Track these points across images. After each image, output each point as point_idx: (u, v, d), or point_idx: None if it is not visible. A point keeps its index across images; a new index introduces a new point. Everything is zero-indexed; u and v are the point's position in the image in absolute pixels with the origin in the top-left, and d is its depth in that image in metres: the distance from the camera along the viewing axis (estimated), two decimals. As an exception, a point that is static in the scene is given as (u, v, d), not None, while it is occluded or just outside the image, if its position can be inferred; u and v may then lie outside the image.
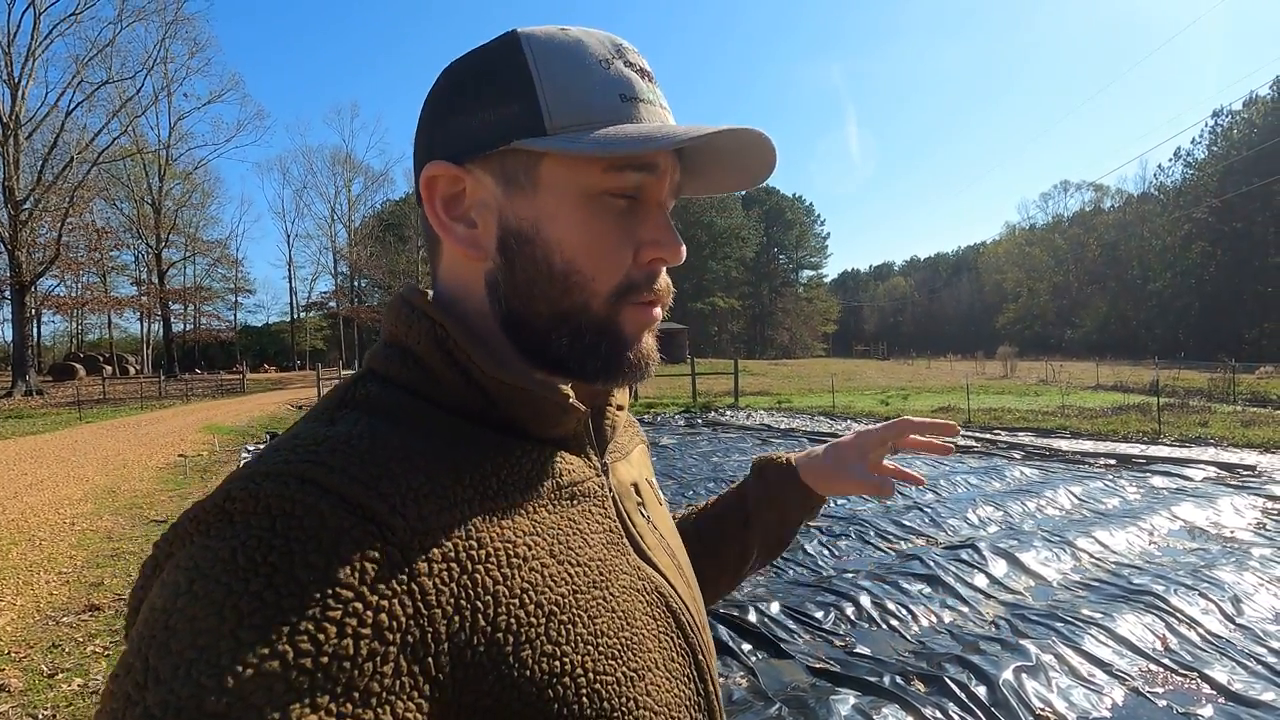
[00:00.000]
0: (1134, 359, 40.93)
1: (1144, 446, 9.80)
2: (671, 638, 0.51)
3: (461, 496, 0.42)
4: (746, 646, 3.33)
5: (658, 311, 0.52)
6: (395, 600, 0.35)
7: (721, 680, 2.99)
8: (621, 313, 0.48)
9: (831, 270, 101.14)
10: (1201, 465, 7.94)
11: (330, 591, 0.34)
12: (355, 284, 58.84)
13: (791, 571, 4.47)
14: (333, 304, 59.19)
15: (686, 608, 0.54)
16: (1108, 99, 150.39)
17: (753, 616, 3.59)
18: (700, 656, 0.54)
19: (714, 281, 72.25)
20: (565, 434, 0.50)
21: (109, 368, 37.27)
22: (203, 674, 0.30)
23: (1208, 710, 2.75)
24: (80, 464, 10.12)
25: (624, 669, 0.45)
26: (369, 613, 0.34)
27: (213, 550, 0.34)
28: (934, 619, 3.69)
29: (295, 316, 61.59)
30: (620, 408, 0.60)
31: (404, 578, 0.36)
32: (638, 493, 0.58)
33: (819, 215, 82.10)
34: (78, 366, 34.54)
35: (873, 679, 2.94)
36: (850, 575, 4.26)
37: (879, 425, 0.80)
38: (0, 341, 45.77)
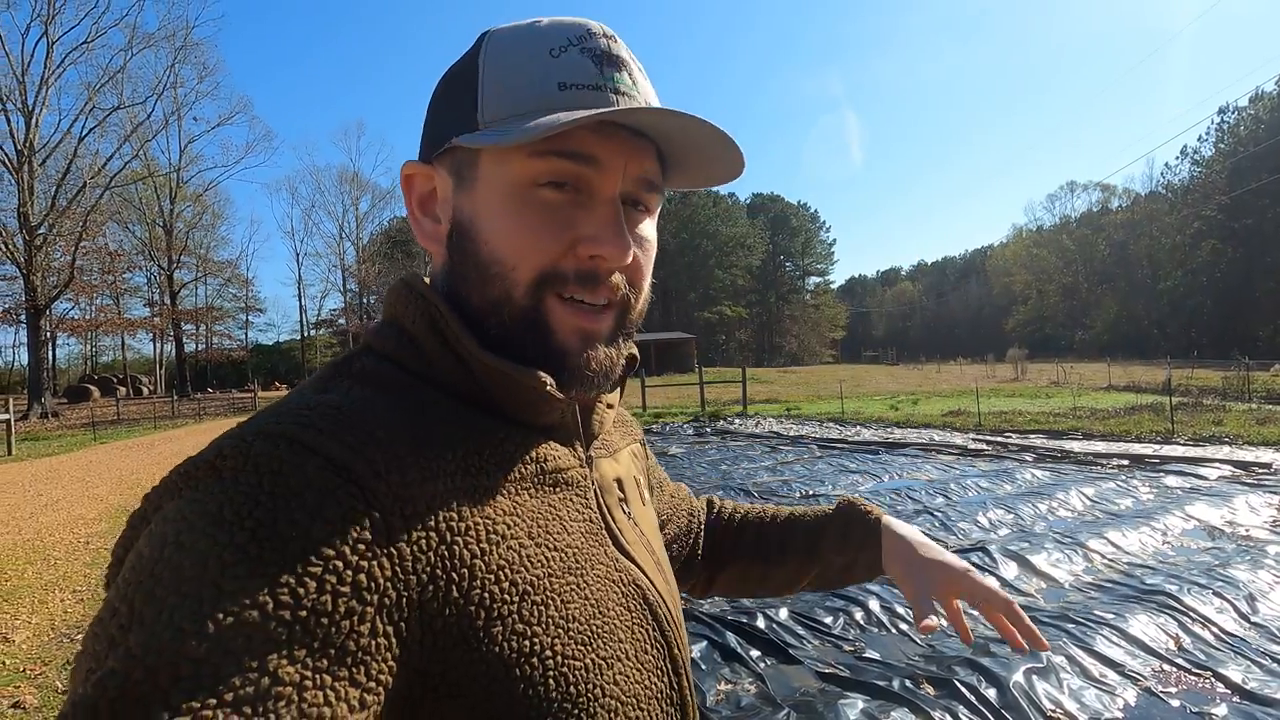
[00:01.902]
0: (1146, 359, 40.58)
1: (1157, 446, 9.70)
2: (646, 630, 0.52)
3: (445, 470, 0.43)
4: (755, 653, 3.32)
5: (603, 319, 0.49)
6: (374, 562, 0.36)
7: (730, 687, 3.00)
8: (546, 305, 0.47)
9: (838, 276, 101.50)
10: (1216, 464, 7.85)
11: (312, 548, 0.34)
12: (364, 301, 59.23)
13: (800, 577, 4.45)
14: (342, 321, 59.56)
15: (664, 602, 0.55)
16: (1112, 99, 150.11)
17: (761, 622, 3.58)
18: (675, 650, 0.54)
19: (721, 290, 72.28)
20: (551, 422, 0.51)
21: (123, 389, 37.63)
22: (185, 619, 0.31)
23: (1222, 709, 2.72)
24: (95, 484, 10.22)
25: (593, 656, 0.45)
26: (348, 572, 0.35)
27: (200, 503, 0.36)
28: (944, 623, 3.66)
29: (305, 334, 62.06)
30: (610, 406, 0.61)
31: (384, 541, 0.37)
32: (621, 489, 0.59)
33: (824, 222, 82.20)
34: (92, 388, 34.89)
35: (882, 683, 2.93)
36: (859, 580, 4.24)
37: (987, 586, 0.70)
38: (17, 365, 46.33)
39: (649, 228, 0.52)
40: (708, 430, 14.37)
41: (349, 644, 0.34)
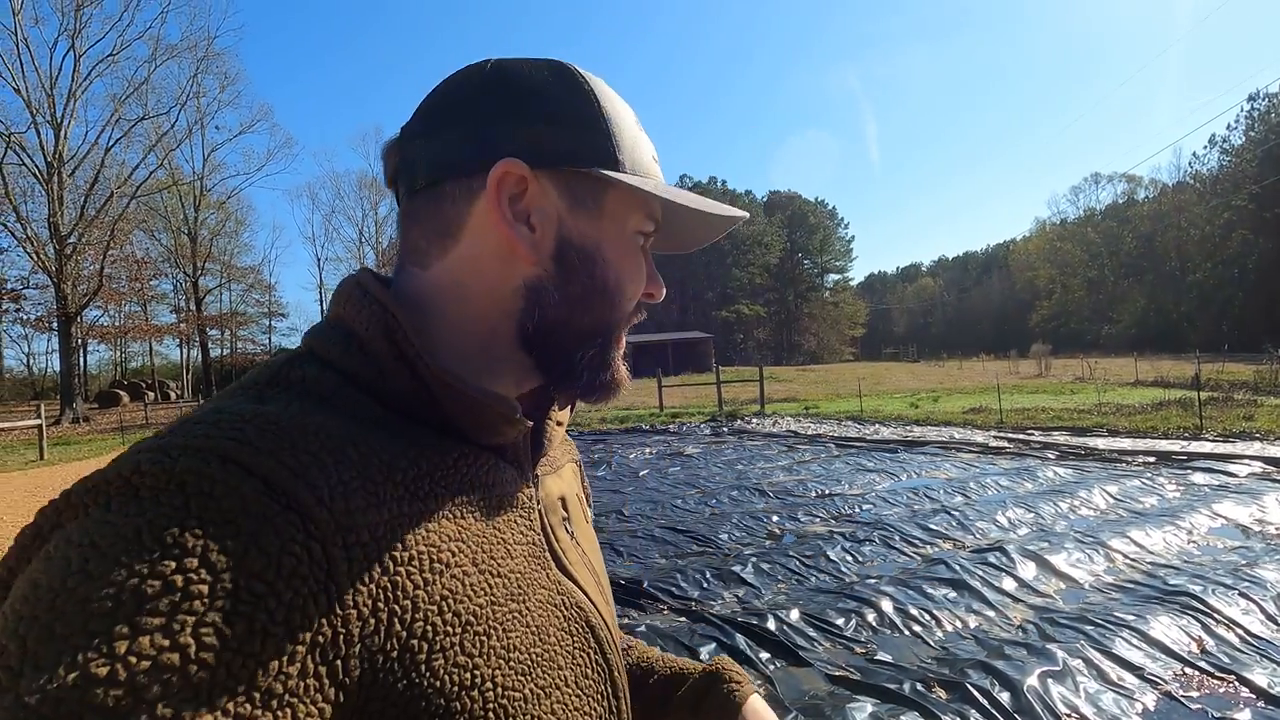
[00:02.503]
0: (1175, 353, 39.64)
1: (1185, 443, 9.47)
2: (587, 654, 0.51)
3: (392, 495, 0.40)
4: (764, 655, 3.29)
5: (624, 339, 0.56)
6: (310, 598, 0.34)
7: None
8: (622, 333, 0.54)
9: (858, 273, 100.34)
10: (1246, 460, 7.65)
11: (243, 583, 0.31)
12: (384, 304, 59.86)
13: (813, 579, 4.41)
14: (363, 325, 60.21)
15: (605, 624, 0.54)
16: (1137, 88, 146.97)
17: (772, 624, 3.55)
18: (615, 674, 0.54)
19: (738, 289, 72.02)
20: (504, 442, 0.50)
21: (151, 393, 38.40)
22: (92, 663, 0.28)
23: (1245, 714, 2.64)
24: (122, 487, 10.44)
25: (532, 685, 0.45)
26: (281, 609, 0.32)
27: (113, 526, 0.32)
28: (958, 624, 3.60)
29: (327, 338, 62.85)
30: (560, 423, 0.60)
31: (322, 575, 0.35)
32: (564, 507, 0.59)
33: (843, 218, 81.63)
34: (122, 393, 35.67)
35: (892, 686, 2.88)
36: (873, 581, 4.19)
37: None
38: (49, 371, 47.51)
39: None
40: (724, 430, 14.32)
41: (275, 685, 0.32)
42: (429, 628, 0.39)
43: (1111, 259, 70.04)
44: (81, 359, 39.18)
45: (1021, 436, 10.98)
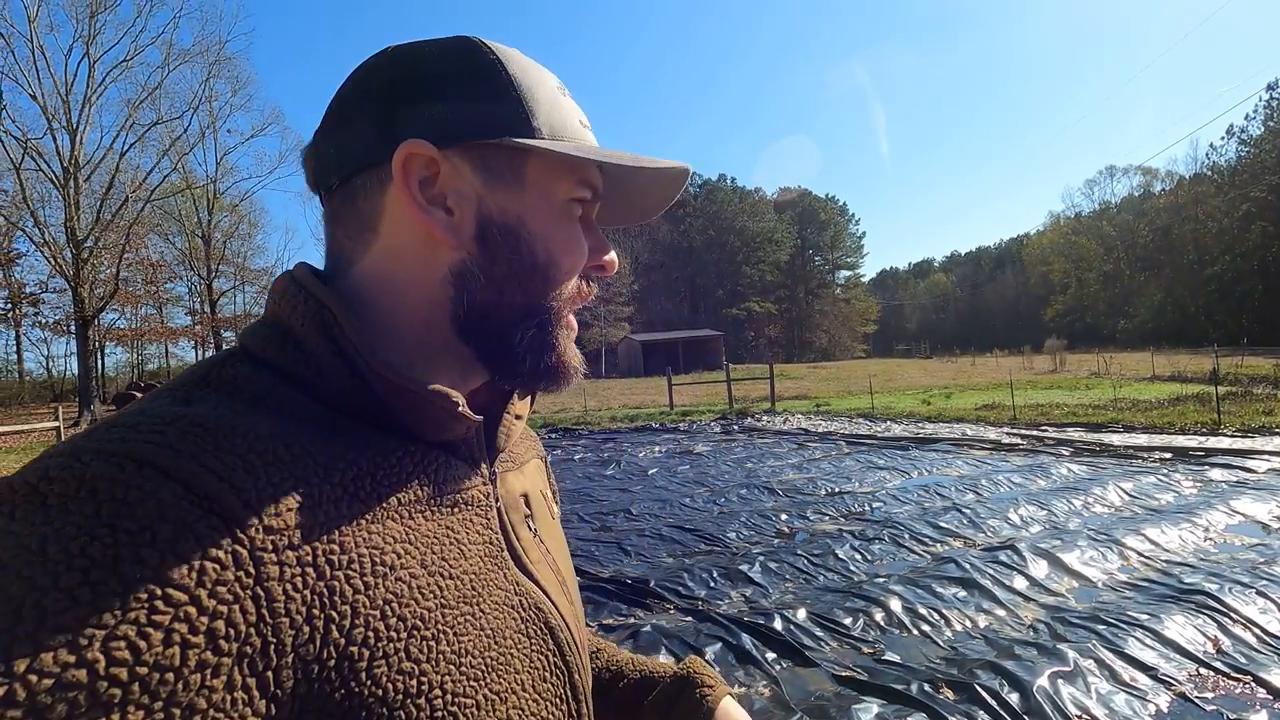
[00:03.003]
0: (1192, 347, 39.12)
1: (1203, 438, 9.33)
2: (546, 656, 0.49)
3: (328, 496, 0.39)
4: (771, 655, 3.26)
5: (574, 323, 0.53)
6: (236, 606, 0.32)
7: (743, 690, 2.95)
8: (564, 312, 0.51)
9: (869, 269, 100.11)
10: (1265, 456, 7.52)
11: (160, 593, 0.30)
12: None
13: (822, 578, 4.38)
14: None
15: (566, 625, 0.53)
16: (1151, 80, 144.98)
17: (778, 624, 3.52)
18: (576, 676, 0.52)
19: (749, 286, 71.78)
20: (453, 439, 0.48)
21: (167, 395, 38.79)
22: None
23: (1261, 715, 2.58)
24: (137, 488, 10.56)
25: (486, 690, 0.43)
26: (204, 619, 0.31)
27: (16, 536, 0.30)
28: (968, 624, 3.56)
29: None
30: (519, 417, 0.58)
31: (250, 581, 0.33)
32: (527, 504, 0.57)
33: (853, 214, 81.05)
34: (139, 395, 36.07)
35: (899, 687, 2.85)
36: (882, 580, 4.15)
37: None
38: (68, 374, 48.16)
39: None
40: (735, 428, 14.27)
41: (198, 700, 0.30)
42: (370, 634, 0.37)
43: (1127, 252, 69.15)
44: (99, 362, 39.70)
45: (1035, 433, 10.86)
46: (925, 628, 3.51)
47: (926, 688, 2.82)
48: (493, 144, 0.46)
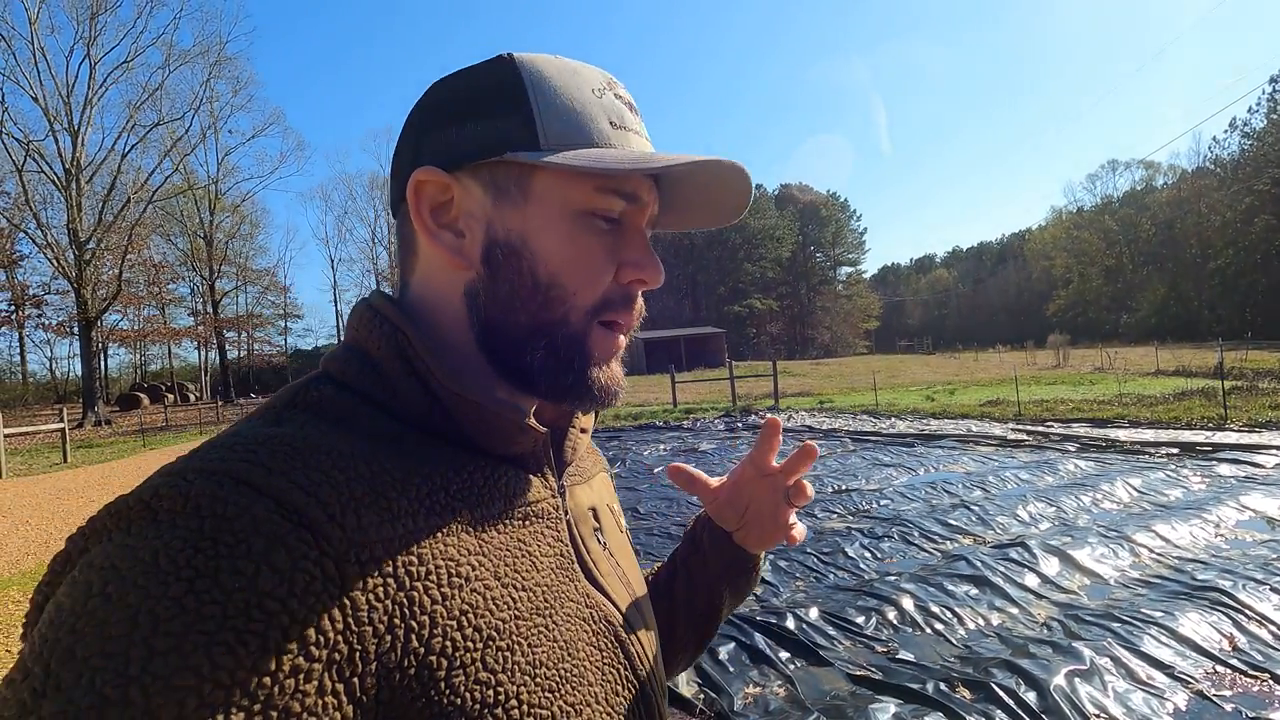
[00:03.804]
0: (1196, 341, 39.05)
1: (1209, 433, 9.30)
2: (617, 670, 0.49)
3: (406, 509, 0.40)
4: (784, 655, 3.26)
5: (623, 339, 0.51)
6: (325, 614, 0.34)
7: (758, 690, 2.95)
8: (594, 331, 0.48)
9: (871, 265, 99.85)
10: (1273, 451, 7.49)
11: (257, 601, 0.32)
12: (398, 304, 60.31)
13: (832, 576, 4.37)
14: (377, 325, 60.68)
15: (637, 639, 0.53)
16: (1153, 74, 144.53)
17: (791, 623, 3.51)
18: (648, 690, 0.52)
19: (750, 283, 71.71)
20: (522, 452, 0.49)
21: (170, 396, 38.97)
22: (108, 684, 0.28)
23: (1281, 714, 2.57)
24: (143, 489, 10.57)
25: (561, 702, 0.43)
26: (296, 626, 0.32)
27: (132, 549, 0.32)
28: (981, 622, 3.55)
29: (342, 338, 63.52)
30: (584, 430, 0.59)
31: (336, 591, 0.34)
32: (596, 518, 0.57)
33: (855, 211, 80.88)
34: (142, 396, 36.18)
35: (915, 686, 2.84)
36: (893, 578, 4.14)
37: (742, 462, 0.70)
38: (71, 375, 48.28)
39: None
40: (739, 425, 14.26)
41: (293, 705, 0.32)
42: (448, 643, 0.38)
43: (1130, 247, 68.97)
44: (102, 362, 39.78)
45: (1041, 429, 10.84)
46: (938, 626, 3.50)
47: (943, 687, 2.81)
48: (499, 162, 0.46)
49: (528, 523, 0.48)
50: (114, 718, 0.28)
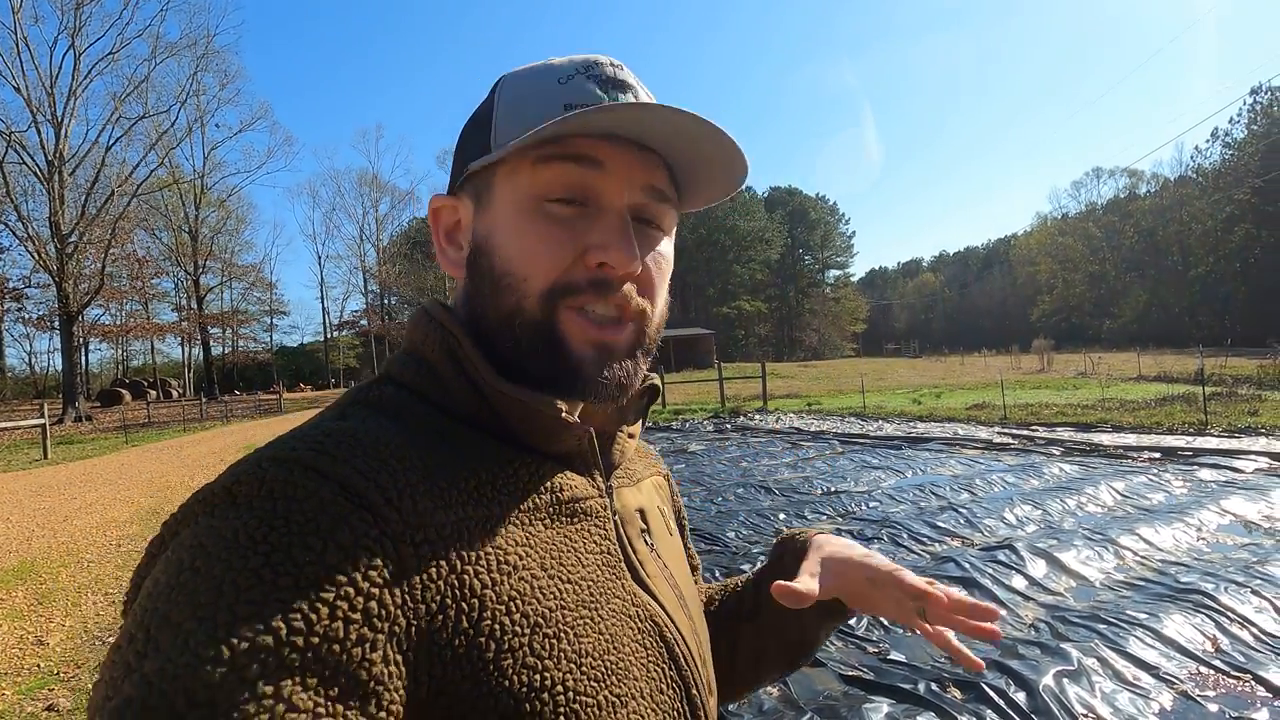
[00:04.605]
0: (1177, 348, 39.67)
1: (1190, 438, 9.45)
2: (662, 669, 0.50)
3: (457, 499, 0.43)
4: (777, 655, 3.28)
5: (619, 336, 0.49)
6: (386, 590, 0.36)
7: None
8: (559, 316, 0.47)
9: (858, 269, 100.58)
10: (1252, 456, 7.63)
11: (325, 574, 0.34)
12: (385, 301, 59.94)
13: (823, 577, 4.40)
14: (364, 322, 60.34)
15: (683, 640, 0.53)
16: (1138, 83, 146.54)
17: (783, 624, 3.54)
18: (694, 691, 0.52)
19: (739, 285, 71.92)
20: (568, 450, 0.51)
21: (153, 392, 38.45)
22: (200, 644, 0.31)
23: (1263, 714, 2.63)
24: (127, 486, 10.45)
25: (606, 692, 0.44)
26: (360, 598, 0.35)
27: (216, 529, 0.36)
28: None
29: (328, 336, 63.02)
30: (632, 435, 0.60)
31: (395, 568, 0.37)
32: (644, 520, 0.58)
33: (843, 214, 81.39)
34: (124, 392, 35.71)
35: (907, 686, 2.87)
36: (883, 579, 4.17)
37: (909, 581, 0.59)
38: (51, 370, 47.56)
39: (663, 245, 0.52)
40: (728, 427, 14.31)
41: (360, 673, 0.34)
42: (497, 626, 0.40)
43: (1113, 253, 69.94)
44: (84, 358, 39.20)
45: (1026, 433, 10.96)
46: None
47: (934, 687, 2.85)
48: (469, 176, 0.51)
49: (574, 520, 0.49)
50: (205, 673, 0.31)
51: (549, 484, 0.49)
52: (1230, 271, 55.69)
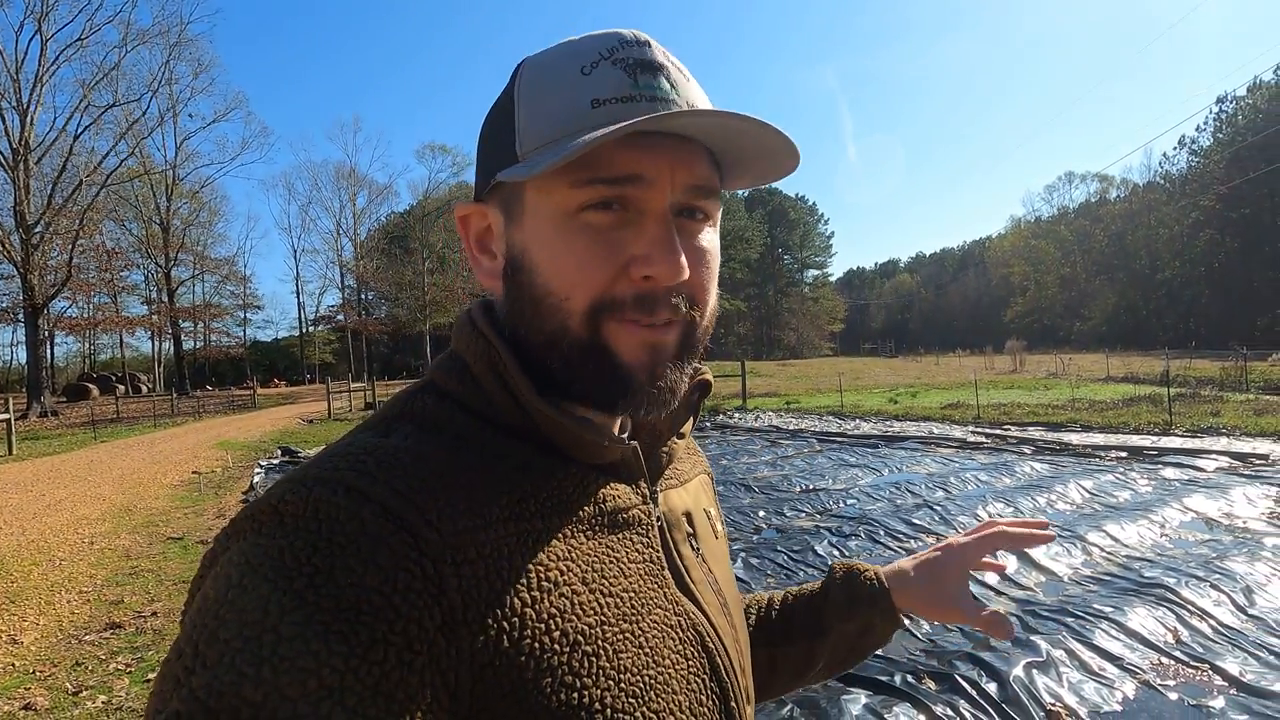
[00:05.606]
0: (1144, 350, 40.71)
1: (1155, 438, 9.74)
2: (701, 679, 0.49)
3: (497, 516, 0.42)
4: (758, 649, 3.35)
5: (669, 336, 0.47)
6: (424, 611, 0.37)
7: (733, 683, 3.05)
8: (605, 331, 0.46)
9: (837, 269, 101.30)
10: (1214, 455, 7.90)
11: (365, 597, 0.35)
12: (362, 297, 59.18)
13: (802, 573, 4.49)
14: (340, 317, 59.48)
15: (723, 648, 0.53)
16: (1111, 89, 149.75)
17: (764, 619, 3.61)
18: (732, 703, 0.52)
19: (719, 284, 71.80)
20: (613, 461, 0.50)
21: (122, 387, 37.57)
22: (245, 663, 0.32)
23: (1219, 702, 2.76)
24: (97, 483, 10.24)
25: (645, 709, 0.44)
26: (399, 620, 0.36)
27: (263, 548, 0.37)
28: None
29: (304, 331, 62.02)
30: (680, 436, 0.58)
31: (434, 589, 0.37)
32: (690, 523, 0.57)
33: (823, 214, 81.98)
34: (91, 386, 34.84)
35: (884, 678, 2.96)
36: (860, 575, 4.27)
37: (969, 538, 0.75)
38: (15, 363, 46.27)
39: (708, 237, 0.50)
40: (707, 424, 14.41)
41: (398, 693, 0.35)
42: (536, 645, 0.40)
43: (1084, 257, 71.47)
44: (49, 351, 38.22)
45: (999, 432, 11.21)
46: (904, 620, 3.63)
47: (910, 678, 2.94)
48: (501, 184, 0.48)
49: (616, 530, 0.48)
50: (249, 691, 0.32)
51: (592, 495, 0.48)
52: (1195, 275, 57.27)
